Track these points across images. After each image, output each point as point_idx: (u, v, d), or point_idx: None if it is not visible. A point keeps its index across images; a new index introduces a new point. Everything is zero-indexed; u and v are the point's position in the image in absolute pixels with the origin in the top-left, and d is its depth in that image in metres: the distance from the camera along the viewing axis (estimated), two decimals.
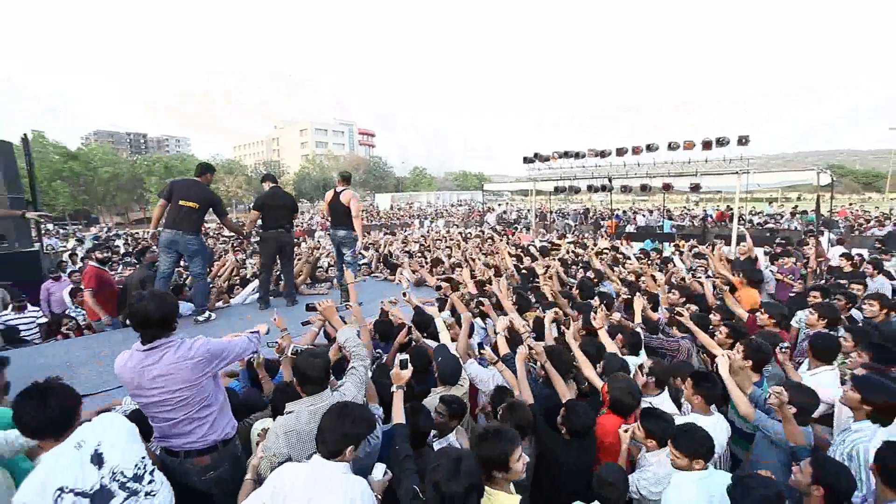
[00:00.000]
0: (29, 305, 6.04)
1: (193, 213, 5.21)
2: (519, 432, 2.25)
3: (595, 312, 3.82)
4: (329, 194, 6.48)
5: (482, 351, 3.27)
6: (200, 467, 2.34)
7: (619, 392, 2.84)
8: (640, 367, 3.26)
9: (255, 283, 7.10)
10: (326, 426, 2.07)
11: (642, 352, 3.72)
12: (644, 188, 12.42)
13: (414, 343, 3.86)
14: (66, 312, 6.33)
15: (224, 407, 2.46)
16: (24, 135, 8.49)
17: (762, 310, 4.28)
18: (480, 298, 4.19)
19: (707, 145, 10.82)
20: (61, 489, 1.80)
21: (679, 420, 2.66)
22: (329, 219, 6.57)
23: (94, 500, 1.87)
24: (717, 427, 2.71)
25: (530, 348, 3.12)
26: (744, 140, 10.32)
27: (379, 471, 2.14)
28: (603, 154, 12.82)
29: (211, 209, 5.44)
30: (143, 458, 2.06)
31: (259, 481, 2.18)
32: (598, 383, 3.11)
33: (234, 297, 6.82)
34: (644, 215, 21.24)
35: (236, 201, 44.82)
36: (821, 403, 2.86)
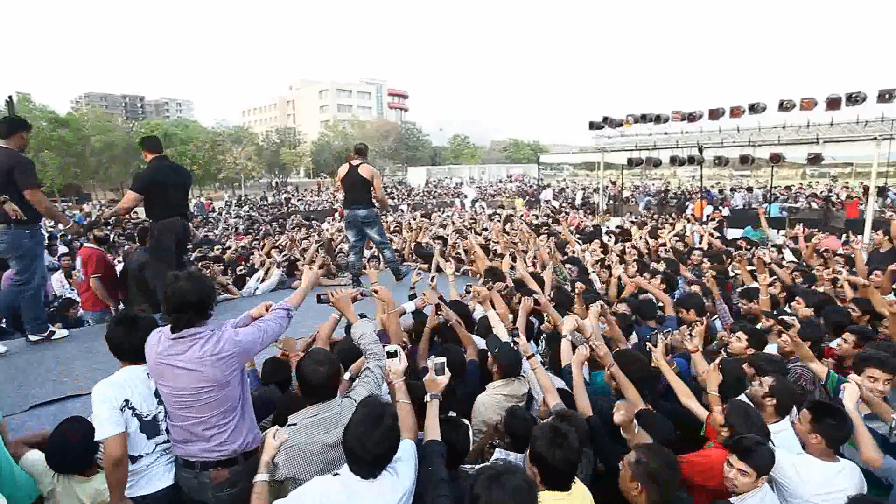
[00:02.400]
0: None
1: None
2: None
3: (688, 326, 3.73)
4: (343, 169, 6.71)
5: (516, 340, 3.42)
6: (217, 483, 2.44)
7: (746, 429, 2.67)
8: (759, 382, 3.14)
9: (261, 273, 7.35)
10: (360, 434, 2.09)
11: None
12: (745, 160, 11.93)
13: (446, 324, 3.97)
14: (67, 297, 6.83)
15: (248, 411, 2.55)
16: (9, 97, 9.03)
17: None
18: (536, 296, 4.20)
19: (833, 104, 10.17)
20: (127, 402, 2.41)
21: (785, 462, 2.56)
22: (345, 198, 6.79)
23: (144, 426, 2.44)
24: (844, 477, 2.56)
25: (592, 350, 3.16)
26: (886, 95, 9.55)
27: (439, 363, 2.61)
28: (692, 117, 12.34)
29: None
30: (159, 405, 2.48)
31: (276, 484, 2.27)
32: (702, 414, 3.04)
33: (243, 289, 7.09)
34: (743, 195, 20.39)
35: (244, 176, 46.20)
36: None
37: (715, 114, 11.83)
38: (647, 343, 3.55)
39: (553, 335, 4.03)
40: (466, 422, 2.79)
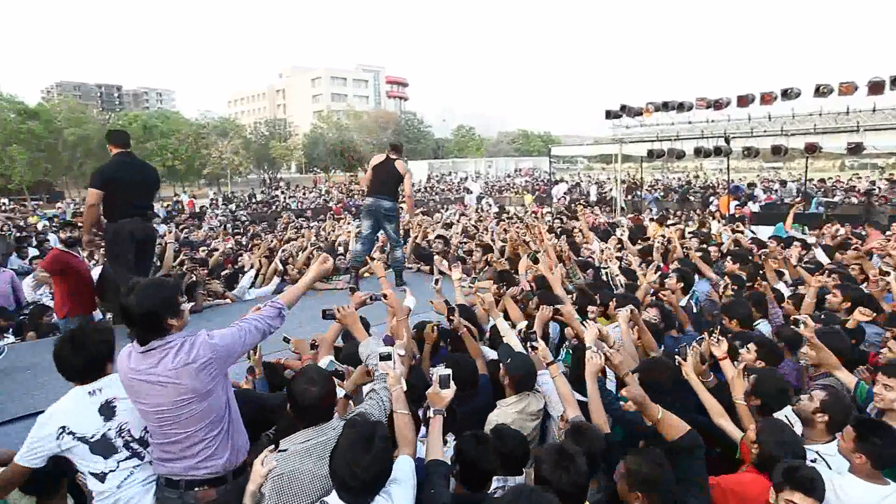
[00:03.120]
0: None
1: None
2: (589, 464, 2.33)
3: (713, 336, 3.68)
4: (378, 158, 7.23)
5: (534, 345, 3.41)
6: (204, 503, 2.42)
7: (777, 445, 2.63)
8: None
9: (252, 273, 7.34)
10: (348, 460, 2.06)
11: None
12: (777, 150, 11.87)
13: (456, 333, 3.96)
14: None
15: (235, 420, 2.52)
16: None
17: None
18: (558, 306, 4.18)
19: (876, 88, 10.09)
20: (63, 428, 2.41)
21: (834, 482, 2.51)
22: (372, 186, 7.12)
23: (94, 448, 2.43)
24: (892, 502, 2.51)
25: (607, 359, 3.15)
26: None
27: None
28: (718, 104, 12.29)
29: None
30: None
31: None
32: (737, 435, 2.99)
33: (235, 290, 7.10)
34: (777, 189, 20.32)
35: (231, 172, 46.30)
36: None
37: (744, 100, 11.78)
38: (676, 356, 3.51)
39: (577, 346, 3.99)
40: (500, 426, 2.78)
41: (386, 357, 2.69)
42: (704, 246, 8.06)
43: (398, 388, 2.60)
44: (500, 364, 3.46)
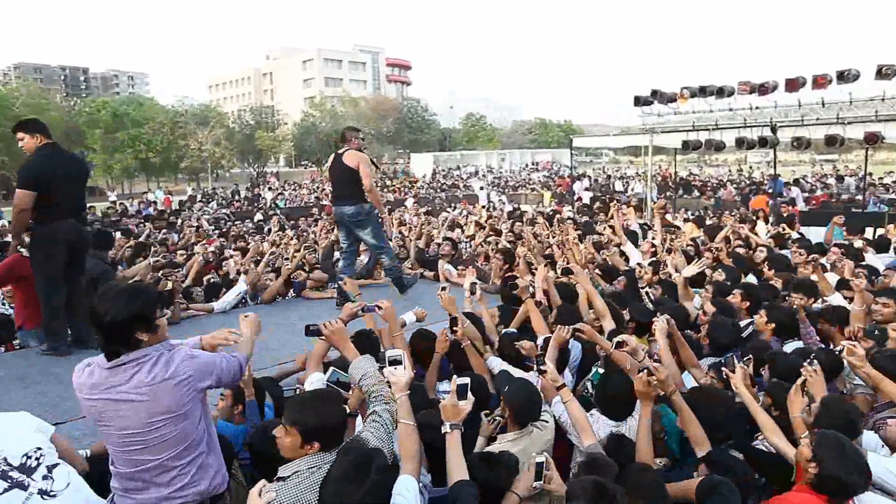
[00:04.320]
0: None
1: None
2: None
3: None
4: (330, 159, 6.89)
5: (542, 369, 3.40)
6: None
7: (840, 466, 2.61)
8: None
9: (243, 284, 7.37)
10: (338, 492, 2.09)
11: None
12: (832, 141, 11.82)
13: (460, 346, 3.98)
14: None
15: (213, 447, 2.56)
16: None
17: None
18: (579, 325, 4.18)
19: None
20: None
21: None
22: (332, 193, 6.96)
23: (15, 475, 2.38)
24: None
25: (649, 375, 3.12)
26: None
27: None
28: (764, 89, 12.27)
29: None
30: (39, 449, 2.50)
31: None
32: (792, 454, 2.99)
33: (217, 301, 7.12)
34: (835, 183, 20.21)
35: (212, 165, 46.53)
36: None
37: (793, 84, 11.73)
38: (723, 369, 3.53)
39: (607, 365, 4.00)
40: (512, 454, 2.80)
41: (395, 361, 2.71)
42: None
43: (404, 396, 2.63)
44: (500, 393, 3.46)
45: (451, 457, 2.53)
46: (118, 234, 12.83)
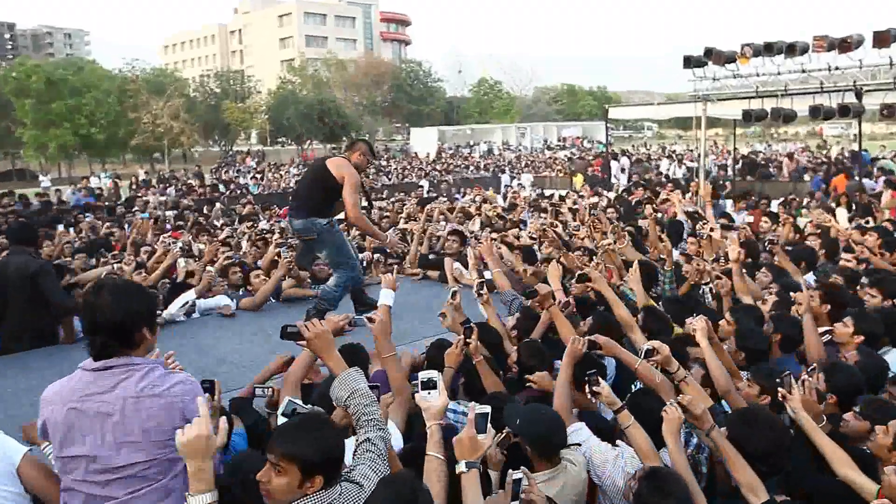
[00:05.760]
0: None
1: None
2: None
3: None
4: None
5: (595, 390, 3.44)
6: None
7: None
8: None
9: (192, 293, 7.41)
10: None
11: None
12: None
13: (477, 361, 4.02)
14: None
15: (175, 489, 2.56)
16: None
17: None
18: (595, 336, 4.20)
19: None
20: None
21: None
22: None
23: None
24: None
25: (685, 409, 3.14)
26: None
27: None
28: (845, 45, 12.17)
29: None
30: None
31: None
32: (870, 490, 3.02)
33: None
34: None
35: (169, 143, 46.38)
36: None
37: (884, 38, 11.51)
38: (780, 389, 3.55)
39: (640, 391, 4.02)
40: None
41: (430, 385, 2.73)
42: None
43: (436, 426, 2.66)
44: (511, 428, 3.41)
45: (468, 497, 2.51)
46: (60, 228, 12.99)
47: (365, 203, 7.16)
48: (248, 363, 5.50)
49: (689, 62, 14.09)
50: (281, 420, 3.07)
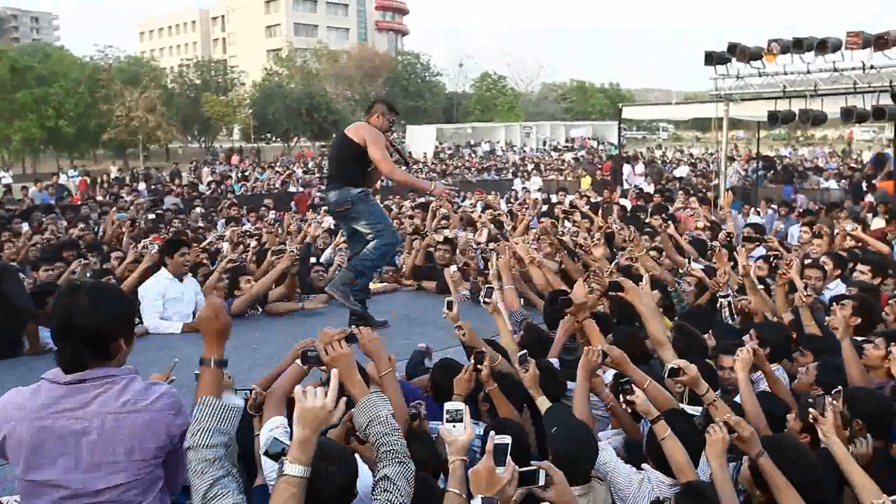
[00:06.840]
0: None
1: None
2: None
3: None
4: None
5: (629, 399, 3.49)
6: None
7: None
8: None
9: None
10: None
11: None
12: None
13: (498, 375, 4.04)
14: None
15: None
16: None
17: None
18: (605, 345, 4.22)
19: None
20: None
21: None
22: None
23: None
24: None
25: (731, 430, 3.14)
26: None
27: None
28: (882, 41, 12.22)
29: None
30: None
31: None
32: None
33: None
34: None
35: (144, 138, 46.32)
36: None
37: None
38: (811, 410, 3.53)
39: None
40: None
41: (455, 417, 2.72)
42: None
43: (459, 461, 2.64)
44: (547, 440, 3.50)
45: None
46: (25, 227, 12.93)
47: (398, 158, 7.10)
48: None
49: (711, 58, 14.10)
50: (266, 462, 3.04)
